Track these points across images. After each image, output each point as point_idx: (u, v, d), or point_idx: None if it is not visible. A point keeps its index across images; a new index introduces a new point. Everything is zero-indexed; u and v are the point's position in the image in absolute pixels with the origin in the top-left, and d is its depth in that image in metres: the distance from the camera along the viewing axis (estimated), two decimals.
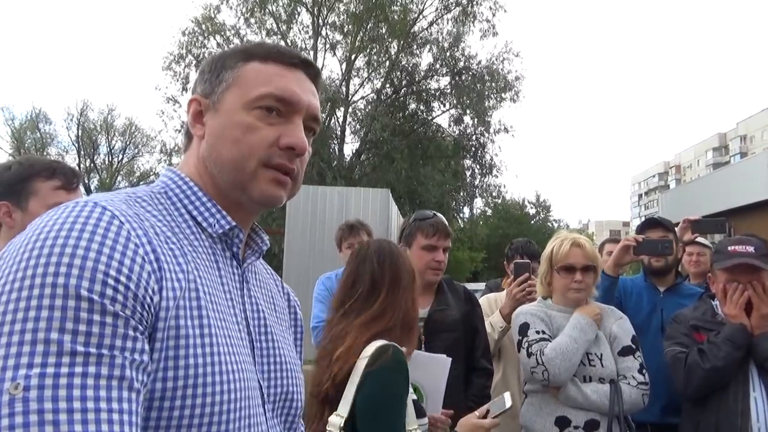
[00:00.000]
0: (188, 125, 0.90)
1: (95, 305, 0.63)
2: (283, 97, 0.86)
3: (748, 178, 13.59)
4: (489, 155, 19.51)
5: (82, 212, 0.69)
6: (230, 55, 0.90)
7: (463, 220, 24.92)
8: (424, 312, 2.33)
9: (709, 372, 2.16)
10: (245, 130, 0.84)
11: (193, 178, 0.87)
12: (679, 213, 17.01)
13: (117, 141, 33.45)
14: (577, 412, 2.18)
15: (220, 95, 0.86)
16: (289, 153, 0.85)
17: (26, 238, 0.67)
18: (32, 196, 1.60)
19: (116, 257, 0.67)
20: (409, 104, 19.15)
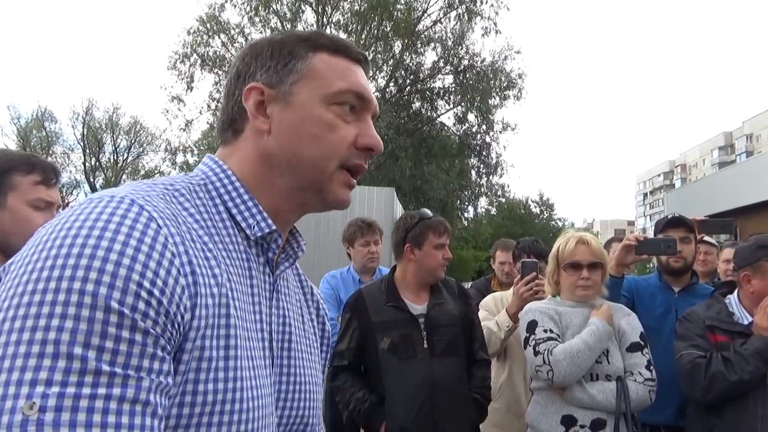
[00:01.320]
0: (234, 116, 0.81)
1: (125, 320, 0.58)
2: (362, 94, 0.81)
3: (754, 178, 13.53)
4: (494, 154, 19.49)
5: (117, 210, 0.62)
6: (296, 42, 0.81)
7: (468, 219, 24.89)
8: (423, 308, 2.38)
9: (735, 384, 2.10)
10: (327, 127, 0.78)
11: (236, 173, 0.79)
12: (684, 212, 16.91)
13: (122, 140, 33.60)
14: (583, 410, 2.16)
15: (291, 86, 0.79)
16: (366, 153, 0.81)
17: (55, 233, 0.60)
18: (10, 190, 1.52)
19: (151, 266, 0.61)
20: (413, 103, 19.14)
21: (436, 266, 2.41)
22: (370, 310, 2.35)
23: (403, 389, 2.24)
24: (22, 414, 0.52)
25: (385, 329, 2.30)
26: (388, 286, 2.43)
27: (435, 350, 2.30)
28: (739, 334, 2.20)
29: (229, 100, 0.82)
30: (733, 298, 2.35)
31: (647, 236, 2.67)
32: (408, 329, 2.31)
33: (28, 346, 0.54)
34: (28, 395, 0.52)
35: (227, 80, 0.85)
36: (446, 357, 2.31)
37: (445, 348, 2.32)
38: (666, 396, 2.25)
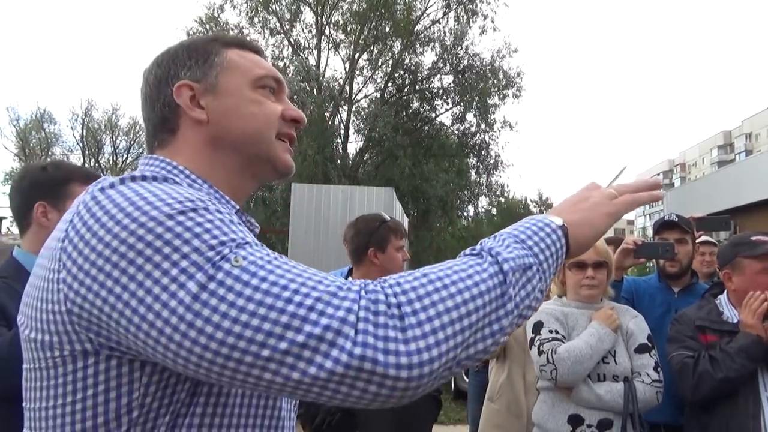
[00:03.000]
0: (166, 116, 0.88)
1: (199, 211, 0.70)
2: (277, 77, 0.93)
3: (754, 176, 13.52)
4: (493, 153, 19.47)
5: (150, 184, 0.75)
6: (207, 42, 0.92)
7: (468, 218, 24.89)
8: None
9: (721, 382, 2.11)
10: (258, 105, 0.89)
11: (188, 168, 0.86)
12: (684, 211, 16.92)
13: (121, 141, 33.61)
14: (590, 410, 2.16)
15: (216, 78, 0.88)
16: (293, 124, 0.93)
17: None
18: (69, 199, 1.64)
19: (191, 192, 0.73)
20: (412, 103, 19.10)
21: (398, 269, 2.39)
22: None
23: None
24: (237, 267, 0.64)
25: None
26: None
27: None
28: (728, 333, 2.21)
29: (154, 104, 0.89)
30: (723, 298, 2.37)
31: (645, 240, 2.67)
32: None
33: (178, 252, 0.66)
34: (225, 257, 0.65)
35: (145, 89, 0.91)
36: None
37: None
38: (666, 395, 2.25)
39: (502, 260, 0.71)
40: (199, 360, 0.63)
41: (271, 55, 18.41)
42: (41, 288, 0.73)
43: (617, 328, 2.24)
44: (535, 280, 0.73)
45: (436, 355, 0.63)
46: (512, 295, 0.70)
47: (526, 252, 0.73)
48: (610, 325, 2.21)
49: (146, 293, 0.64)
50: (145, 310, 0.64)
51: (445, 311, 0.65)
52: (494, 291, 0.69)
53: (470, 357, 0.68)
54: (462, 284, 0.67)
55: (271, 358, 0.61)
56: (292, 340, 0.61)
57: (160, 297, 0.64)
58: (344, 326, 0.61)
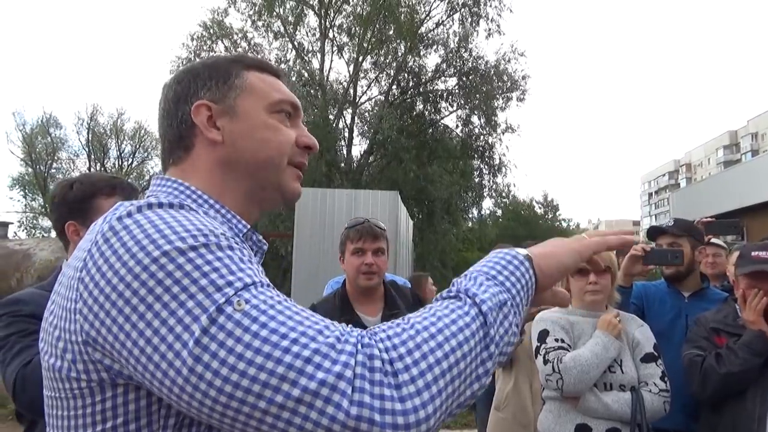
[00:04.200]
0: (182, 133, 0.88)
1: (211, 245, 0.71)
2: (294, 103, 0.94)
3: (760, 177, 13.43)
4: (497, 155, 19.44)
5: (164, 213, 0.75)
6: (229, 62, 0.92)
7: (472, 220, 24.85)
8: (377, 320, 2.30)
9: (725, 377, 2.13)
10: (273, 131, 0.89)
11: (200, 189, 0.86)
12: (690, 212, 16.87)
13: (127, 145, 33.67)
14: (597, 420, 2.14)
15: (235, 100, 0.89)
16: (306, 151, 0.93)
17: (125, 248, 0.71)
18: (96, 214, 1.62)
19: (206, 223, 0.75)
20: (416, 105, 19.10)
21: (353, 273, 2.32)
22: None
23: None
24: (239, 312, 0.66)
25: None
26: (341, 299, 2.37)
27: None
28: (741, 335, 2.21)
29: (172, 120, 0.90)
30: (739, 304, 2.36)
31: (653, 246, 2.64)
32: None
33: (182, 296, 0.67)
34: (229, 301, 0.66)
35: (164, 104, 0.92)
36: None
37: None
38: (676, 400, 2.24)
39: (479, 301, 0.72)
40: (201, 405, 0.65)
41: (275, 58, 18.46)
42: (60, 317, 0.75)
43: (620, 334, 2.22)
44: (511, 315, 0.74)
45: (431, 411, 0.65)
46: (493, 336, 0.72)
47: (499, 288, 0.75)
48: (612, 332, 2.19)
49: (153, 333, 0.66)
50: (151, 350, 0.66)
51: (435, 363, 0.67)
52: (477, 334, 0.71)
53: (460, 405, 0.70)
54: (448, 331, 0.69)
55: (267, 411, 0.63)
56: (288, 394, 0.63)
57: (166, 338, 0.66)
58: (340, 382, 0.63)
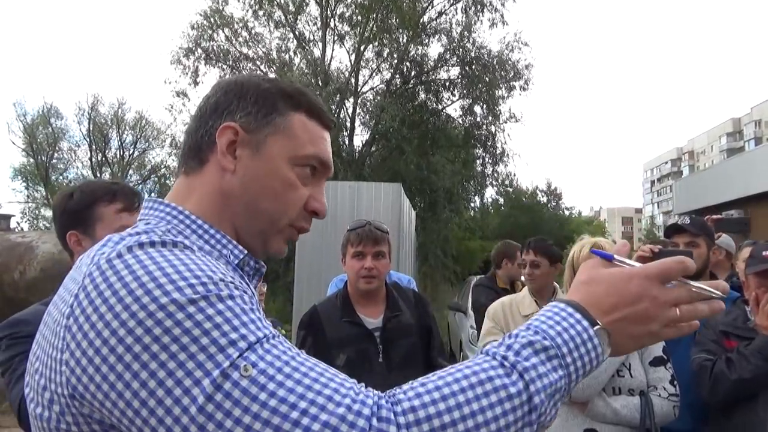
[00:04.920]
0: (202, 144, 0.84)
1: (211, 297, 0.66)
2: (325, 161, 0.88)
3: (763, 166, 13.36)
4: (499, 144, 19.37)
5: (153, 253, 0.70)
6: (279, 96, 0.86)
7: (474, 209, 24.82)
8: (378, 322, 2.31)
9: (736, 383, 2.11)
10: (287, 186, 0.84)
11: (195, 212, 0.82)
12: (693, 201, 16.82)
13: (128, 135, 33.60)
14: (605, 425, 2.13)
15: (265, 138, 0.84)
16: (311, 215, 0.88)
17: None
18: (98, 222, 1.61)
19: (203, 267, 0.70)
20: (418, 95, 18.99)
21: (353, 277, 2.32)
22: (325, 327, 2.29)
23: None
24: (246, 379, 0.62)
25: (341, 345, 2.24)
26: (343, 300, 2.36)
27: (392, 363, 2.24)
28: (751, 339, 2.18)
29: (200, 127, 0.85)
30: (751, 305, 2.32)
31: (661, 248, 2.61)
32: (364, 344, 2.25)
33: (184, 355, 0.63)
34: (235, 366, 0.62)
35: (202, 105, 0.87)
36: (404, 369, 2.24)
37: (402, 360, 2.27)
38: (684, 402, 2.22)
39: (534, 391, 0.65)
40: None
41: (275, 48, 18.35)
42: (45, 364, 0.70)
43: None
44: (560, 399, 0.69)
45: None
46: (535, 422, 0.65)
47: (561, 374, 0.67)
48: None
49: (149, 395, 0.62)
50: (147, 413, 0.62)
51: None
52: (518, 422, 0.64)
53: None
54: (483, 417, 0.63)
55: None
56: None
57: (163, 401, 0.62)
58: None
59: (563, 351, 0.68)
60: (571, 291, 0.76)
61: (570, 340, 0.68)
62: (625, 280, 0.73)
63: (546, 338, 0.68)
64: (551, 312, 0.71)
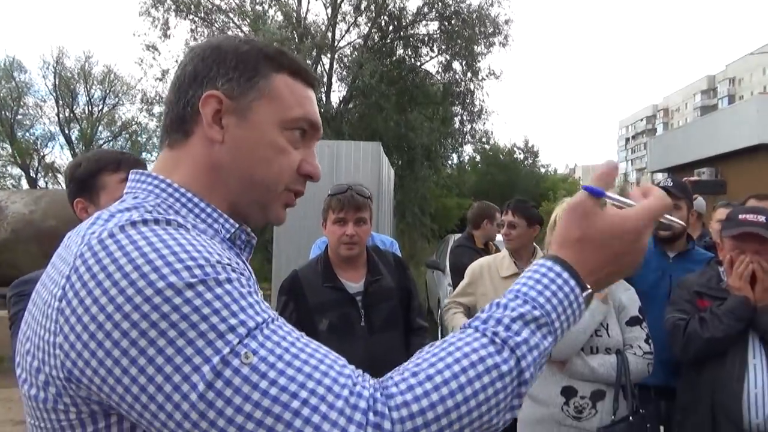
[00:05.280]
0: (186, 116, 0.81)
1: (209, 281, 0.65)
2: (314, 122, 0.85)
3: (735, 124, 13.57)
4: (478, 101, 19.26)
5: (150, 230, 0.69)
6: (261, 58, 0.82)
7: (452, 167, 24.86)
8: (359, 286, 2.33)
9: (708, 342, 2.20)
10: (278, 151, 0.82)
11: (184, 184, 0.80)
12: (666, 159, 17.08)
13: (96, 90, 32.46)
14: (583, 382, 2.21)
15: (251, 103, 0.80)
16: (305, 179, 0.86)
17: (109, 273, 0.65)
18: (102, 190, 1.69)
19: (199, 248, 0.68)
20: (396, 50, 18.64)
21: (334, 242, 2.33)
22: (306, 292, 2.30)
23: None
24: (247, 366, 0.61)
25: (324, 310, 2.26)
26: (324, 265, 2.36)
27: (373, 327, 2.28)
28: (724, 299, 2.26)
29: (180, 97, 0.82)
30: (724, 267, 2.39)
31: None
32: (346, 308, 2.27)
33: (183, 339, 0.62)
34: (236, 353, 0.62)
35: (179, 74, 0.83)
36: (385, 332, 2.30)
37: (383, 323, 2.30)
38: (658, 358, 2.31)
39: (525, 366, 0.67)
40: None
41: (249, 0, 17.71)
42: (37, 346, 0.69)
43: (606, 298, 2.26)
44: (545, 362, 0.71)
45: None
46: (527, 381, 0.67)
47: (551, 340, 0.69)
48: (598, 295, 2.22)
49: (148, 381, 0.61)
50: (147, 399, 0.61)
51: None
52: (508, 397, 0.66)
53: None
54: (476, 401, 0.64)
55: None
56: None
57: (162, 388, 0.61)
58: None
59: (552, 317, 0.68)
60: (562, 244, 0.74)
61: (559, 304, 0.69)
62: (617, 236, 0.73)
63: (536, 307, 0.68)
64: (540, 273, 0.71)
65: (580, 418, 2.18)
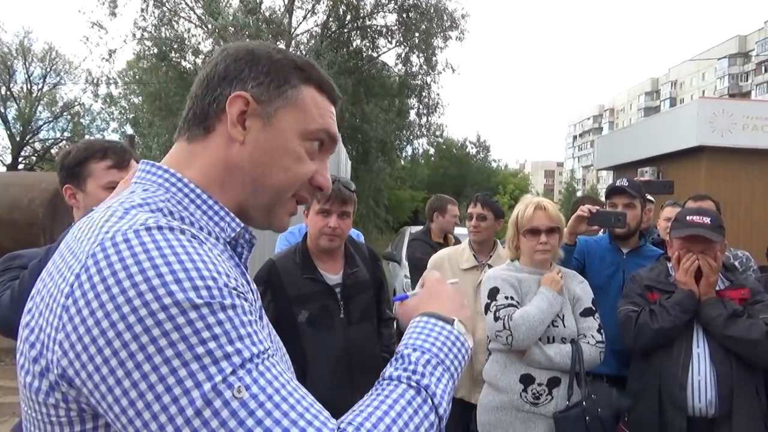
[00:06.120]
0: (210, 113, 0.82)
1: (214, 305, 0.66)
2: (333, 136, 0.88)
3: (677, 126, 14.22)
4: (433, 94, 19.43)
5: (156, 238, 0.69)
6: (293, 68, 0.85)
7: (405, 159, 25.02)
8: (338, 278, 2.34)
9: (657, 332, 2.34)
10: (296, 159, 0.84)
11: (195, 181, 0.81)
12: (612, 157, 17.73)
13: (36, 67, 30.88)
14: (540, 370, 2.30)
15: (276, 110, 0.82)
16: (314, 190, 0.89)
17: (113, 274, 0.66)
18: (89, 177, 1.76)
19: (210, 267, 0.69)
20: (353, 40, 18.57)
21: (315, 233, 2.32)
22: (285, 283, 2.27)
23: (323, 360, 2.23)
24: (236, 400, 0.63)
25: (304, 302, 2.25)
26: (303, 255, 2.35)
27: (351, 318, 2.30)
28: (672, 293, 2.41)
29: (207, 93, 0.83)
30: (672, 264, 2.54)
31: (599, 209, 2.78)
32: (326, 300, 2.27)
33: (180, 360, 0.63)
34: (229, 385, 0.63)
35: (209, 71, 0.84)
36: (362, 323, 2.33)
37: (360, 315, 2.33)
38: (609, 348, 2.44)
39: (442, 411, 0.77)
40: None
41: None
42: (38, 338, 0.69)
43: (562, 290, 2.37)
44: (452, 393, 0.82)
45: None
46: (443, 427, 0.78)
47: (447, 376, 0.81)
48: (555, 287, 2.33)
49: (138, 397, 0.62)
50: (134, 413, 0.63)
51: None
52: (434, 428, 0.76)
53: None
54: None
55: None
56: None
57: (151, 406, 0.62)
58: None
59: (441, 357, 0.82)
60: (418, 314, 0.91)
61: (443, 344, 0.83)
62: (436, 290, 0.98)
63: (425, 351, 0.81)
64: (419, 327, 0.87)
65: (537, 404, 2.29)
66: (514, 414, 2.31)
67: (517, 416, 2.31)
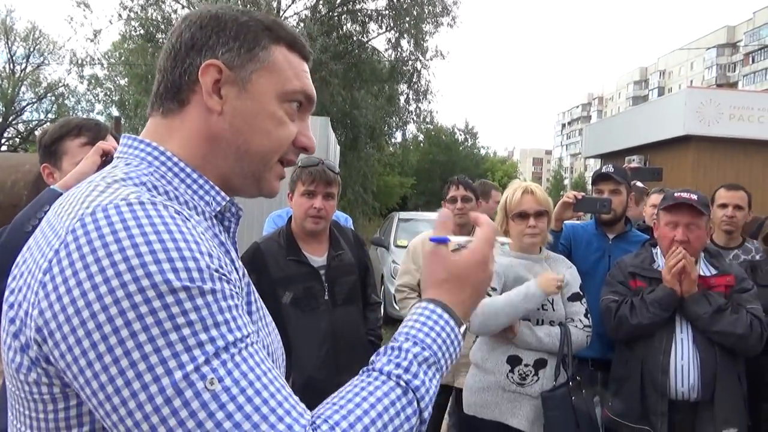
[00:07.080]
0: (182, 85, 0.79)
1: (193, 290, 0.64)
2: (310, 95, 0.86)
3: (665, 115, 14.34)
4: (424, 80, 19.34)
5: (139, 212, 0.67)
6: (259, 30, 0.82)
7: (395, 145, 24.97)
8: (323, 260, 2.35)
9: (635, 327, 2.37)
10: (277, 123, 0.82)
11: (178, 155, 0.79)
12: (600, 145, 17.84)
13: (19, 47, 30.31)
14: (527, 351, 2.33)
15: (251, 74, 0.80)
16: (300, 151, 0.87)
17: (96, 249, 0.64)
18: (64, 155, 1.74)
19: (192, 246, 0.67)
20: (344, 24, 18.38)
21: (300, 214, 2.32)
22: (269, 265, 2.27)
23: (308, 341, 2.23)
24: (208, 392, 0.61)
25: (287, 283, 2.25)
26: (288, 238, 2.35)
27: (336, 300, 2.31)
28: (656, 280, 2.44)
29: (177, 65, 0.80)
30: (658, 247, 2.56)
31: (585, 195, 2.80)
32: (310, 282, 2.28)
33: (152, 346, 0.62)
34: (202, 376, 0.61)
35: (174, 42, 0.81)
36: (346, 306, 2.34)
37: (345, 297, 2.34)
38: (596, 333, 2.47)
39: (423, 407, 0.73)
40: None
41: None
42: (17, 314, 0.68)
43: (552, 295, 2.34)
44: (436, 391, 0.78)
45: None
46: (426, 417, 0.75)
47: (439, 377, 0.76)
48: (547, 289, 2.27)
49: (109, 381, 0.61)
50: (104, 397, 0.62)
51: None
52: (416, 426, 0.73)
53: None
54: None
55: None
56: None
57: (121, 391, 0.61)
58: None
59: (438, 356, 0.77)
60: (434, 286, 0.83)
61: (443, 343, 0.78)
62: (471, 269, 0.84)
63: (425, 348, 0.76)
64: (424, 316, 0.79)
65: (523, 384, 2.32)
66: (500, 394, 2.34)
67: (503, 396, 2.33)
